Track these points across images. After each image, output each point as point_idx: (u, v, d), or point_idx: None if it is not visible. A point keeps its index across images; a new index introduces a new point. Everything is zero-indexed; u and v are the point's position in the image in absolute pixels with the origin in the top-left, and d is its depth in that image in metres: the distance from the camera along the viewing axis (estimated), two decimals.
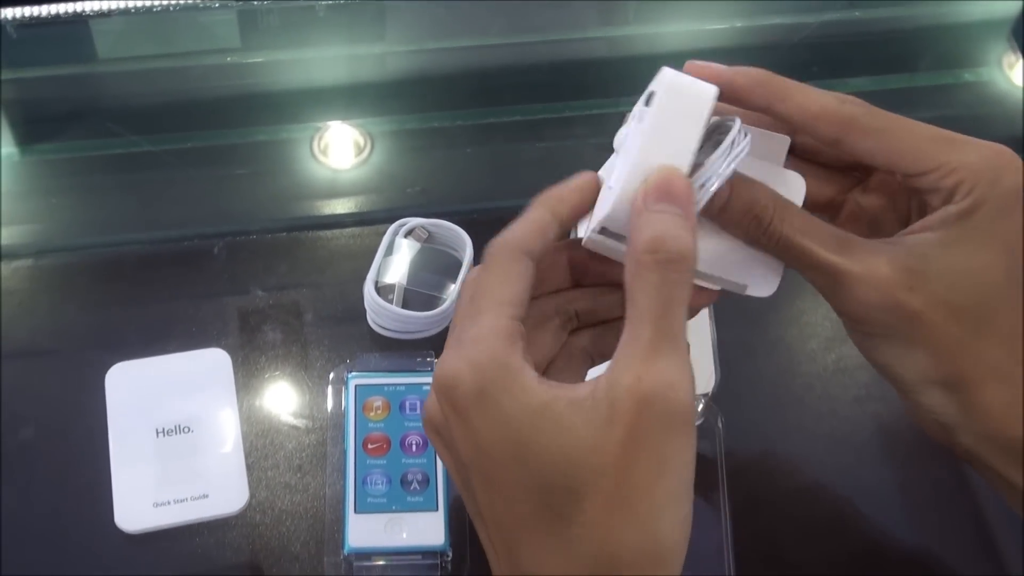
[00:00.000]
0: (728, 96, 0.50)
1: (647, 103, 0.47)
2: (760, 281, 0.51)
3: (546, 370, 0.50)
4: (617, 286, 0.47)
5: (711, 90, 0.47)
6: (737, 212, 0.49)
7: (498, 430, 0.44)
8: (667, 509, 0.43)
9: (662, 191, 0.45)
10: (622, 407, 0.42)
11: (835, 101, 0.50)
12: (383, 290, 0.70)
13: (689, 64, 0.50)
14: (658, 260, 0.44)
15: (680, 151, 0.46)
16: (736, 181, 0.49)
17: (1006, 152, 0.50)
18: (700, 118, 0.46)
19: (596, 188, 0.50)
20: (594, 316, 0.52)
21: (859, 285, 0.48)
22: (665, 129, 0.46)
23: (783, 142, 0.52)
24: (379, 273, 0.71)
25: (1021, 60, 0.89)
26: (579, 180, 0.50)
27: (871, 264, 0.48)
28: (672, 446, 0.43)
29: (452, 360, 0.46)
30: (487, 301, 0.47)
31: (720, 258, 0.51)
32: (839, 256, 0.49)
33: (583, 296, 0.52)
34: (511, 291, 0.47)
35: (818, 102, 0.50)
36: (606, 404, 0.43)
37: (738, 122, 0.48)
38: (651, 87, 0.48)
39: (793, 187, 0.51)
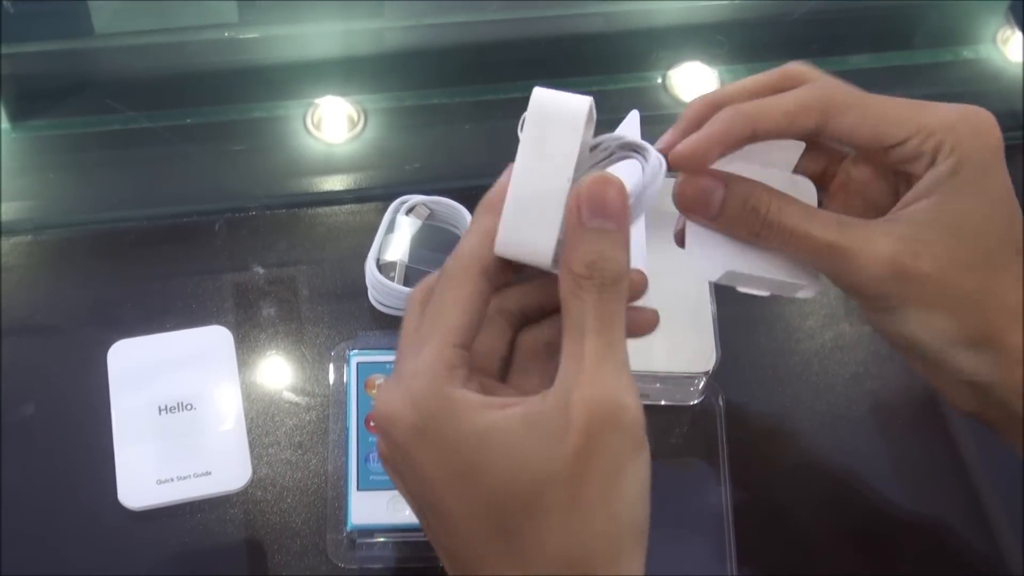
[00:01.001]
0: (718, 154, 0.50)
1: (522, 128, 0.45)
2: (807, 281, 0.52)
3: (506, 373, 0.50)
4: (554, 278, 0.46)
5: (584, 102, 0.45)
6: (735, 209, 0.50)
7: (443, 462, 0.44)
8: (624, 513, 0.44)
9: (597, 205, 0.44)
10: (575, 420, 0.42)
11: (807, 90, 0.50)
12: (384, 267, 0.70)
13: (673, 156, 0.49)
14: (595, 283, 0.44)
15: (558, 170, 0.44)
16: (730, 180, 0.49)
17: (980, 111, 0.51)
18: (575, 133, 0.45)
19: None
20: (540, 310, 0.50)
21: (866, 259, 0.49)
22: (541, 150, 0.45)
23: (796, 148, 0.52)
24: (380, 251, 0.71)
25: (1019, 35, 0.89)
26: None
27: (873, 239, 0.49)
28: (625, 456, 0.43)
29: (390, 397, 0.45)
30: (433, 329, 0.46)
31: (765, 261, 0.51)
32: (841, 235, 0.49)
33: (523, 292, 0.50)
34: (459, 317, 0.46)
35: (793, 99, 0.50)
36: (558, 417, 0.43)
37: (649, 148, 0.47)
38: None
39: (804, 192, 0.52)
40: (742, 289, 0.53)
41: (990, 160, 0.50)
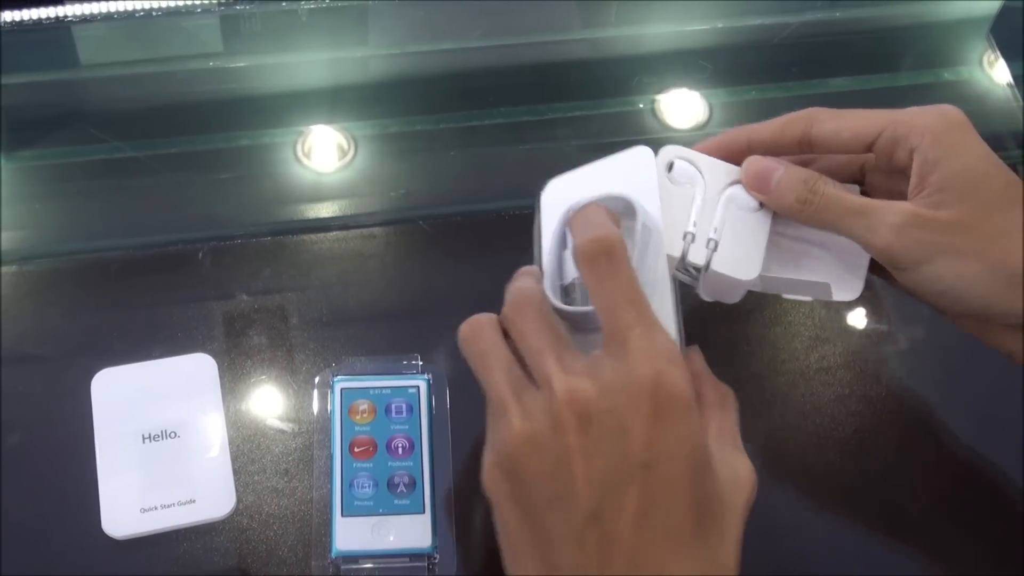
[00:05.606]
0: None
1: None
2: (844, 284, 0.60)
3: None
4: None
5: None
6: (790, 180, 0.58)
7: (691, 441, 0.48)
8: None
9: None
10: None
11: (795, 112, 0.60)
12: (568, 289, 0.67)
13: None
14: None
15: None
16: (789, 166, 0.59)
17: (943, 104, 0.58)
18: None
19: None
20: None
21: (887, 212, 0.55)
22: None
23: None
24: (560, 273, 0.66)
25: (1000, 58, 0.90)
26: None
27: (896, 202, 0.56)
28: None
29: (658, 358, 0.48)
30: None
31: (805, 262, 0.60)
32: (869, 201, 0.57)
33: None
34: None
35: (782, 116, 0.60)
36: None
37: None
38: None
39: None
40: (787, 296, 0.62)
41: (960, 128, 0.56)
